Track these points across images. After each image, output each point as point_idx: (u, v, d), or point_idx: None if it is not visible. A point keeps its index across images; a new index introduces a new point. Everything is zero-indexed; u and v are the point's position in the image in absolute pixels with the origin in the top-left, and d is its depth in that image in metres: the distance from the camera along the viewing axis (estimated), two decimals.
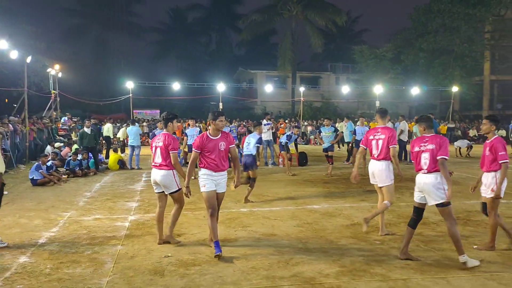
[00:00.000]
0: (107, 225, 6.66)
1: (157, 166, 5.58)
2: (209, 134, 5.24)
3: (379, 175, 5.88)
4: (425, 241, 5.69)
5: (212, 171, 5.23)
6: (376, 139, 5.91)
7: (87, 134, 13.26)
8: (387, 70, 34.66)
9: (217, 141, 5.22)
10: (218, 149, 5.21)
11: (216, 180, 5.26)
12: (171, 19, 52.85)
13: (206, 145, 5.18)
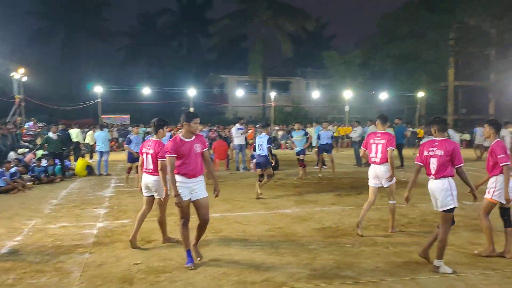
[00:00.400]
0: (74, 233, 6.48)
1: (149, 172, 5.61)
2: (182, 137, 4.86)
3: (383, 177, 6.23)
4: (393, 244, 5.79)
5: (186, 177, 4.83)
6: (376, 143, 6.25)
7: (52, 139, 12.87)
8: (356, 75, 35.29)
9: (192, 144, 4.85)
10: (193, 152, 4.83)
11: (191, 187, 4.86)
12: (140, 24, 52.34)
13: (180, 149, 4.78)
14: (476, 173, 13.50)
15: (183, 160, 4.82)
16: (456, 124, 33.61)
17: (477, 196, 5.05)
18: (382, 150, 6.14)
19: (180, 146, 4.80)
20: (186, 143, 4.85)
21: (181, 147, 4.80)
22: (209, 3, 51.19)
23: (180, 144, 4.81)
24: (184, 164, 4.82)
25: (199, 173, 4.93)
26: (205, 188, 4.98)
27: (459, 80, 38.27)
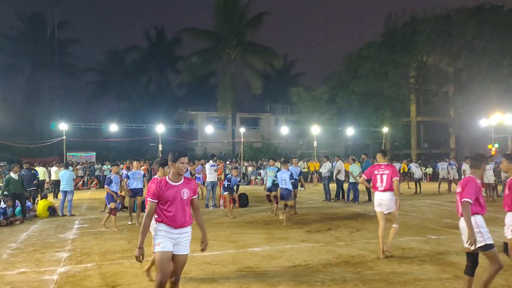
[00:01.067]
0: (33, 279, 6.14)
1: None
2: (168, 180, 4.23)
3: (387, 204, 7.02)
4: (363, 280, 5.79)
5: (171, 227, 4.15)
6: (380, 174, 7.12)
7: (14, 180, 12.36)
8: (324, 111, 36.15)
9: (179, 188, 4.19)
10: (180, 198, 4.17)
11: (175, 238, 4.18)
12: (108, 60, 52.22)
13: (165, 193, 4.14)
14: (441, 207, 13.86)
15: (168, 207, 4.15)
16: (419, 158, 34.62)
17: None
18: (387, 180, 7.00)
19: (164, 190, 4.16)
20: (172, 188, 4.19)
21: (166, 192, 4.15)
22: (178, 41, 51.81)
23: (164, 189, 4.17)
24: (168, 212, 4.16)
25: (187, 223, 4.23)
26: (189, 244, 4.35)
27: (420, 116, 39.77)
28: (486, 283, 4.60)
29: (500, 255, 6.10)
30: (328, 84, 38.93)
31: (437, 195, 18.02)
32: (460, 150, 34.87)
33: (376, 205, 7.17)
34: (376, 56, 33.75)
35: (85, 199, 18.26)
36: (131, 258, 7.28)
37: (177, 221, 4.19)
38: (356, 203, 15.02)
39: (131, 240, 8.87)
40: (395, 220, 7.09)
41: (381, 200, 7.08)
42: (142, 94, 53.78)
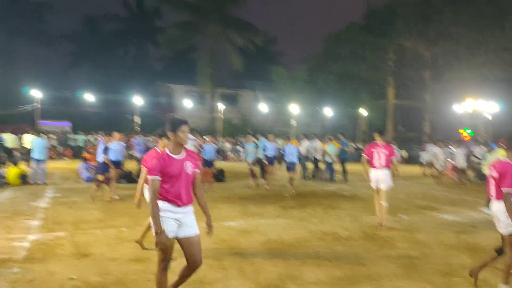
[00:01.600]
0: (2, 246, 6.02)
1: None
2: (169, 152, 3.72)
3: (384, 180, 7.56)
4: (336, 256, 5.91)
5: (174, 204, 3.68)
6: (377, 152, 7.66)
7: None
8: (302, 90, 36.19)
9: (182, 162, 3.72)
10: (184, 172, 3.71)
11: (179, 218, 3.70)
12: (85, 29, 50.52)
13: (168, 168, 3.65)
14: (413, 188, 14.21)
15: (172, 183, 3.68)
16: (395, 141, 35.25)
17: None
18: (386, 158, 7.59)
19: (168, 164, 3.67)
20: (175, 161, 3.70)
21: (169, 166, 3.67)
22: (158, 12, 50.46)
23: (168, 162, 3.68)
24: (172, 188, 3.69)
25: (190, 200, 3.78)
26: (195, 221, 3.85)
27: (397, 99, 40.29)
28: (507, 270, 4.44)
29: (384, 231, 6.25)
30: (307, 65, 38.87)
31: (410, 177, 18.48)
32: (435, 134, 35.63)
33: (374, 181, 7.69)
34: (356, 39, 33.80)
35: (58, 169, 17.92)
36: (104, 228, 7.24)
37: (183, 198, 3.72)
38: (331, 182, 15.24)
39: (105, 211, 8.79)
40: (384, 197, 7.58)
41: (378, 176, 7.61)
42: (119, 66, 52.45)
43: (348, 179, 15.48)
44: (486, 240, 6.81)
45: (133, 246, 6.06)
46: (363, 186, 14.31)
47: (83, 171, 14.01)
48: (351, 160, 17.93)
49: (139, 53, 53.17)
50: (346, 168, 15.89)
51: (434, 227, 7.94)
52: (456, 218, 8.94)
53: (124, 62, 53.33)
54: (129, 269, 5.13)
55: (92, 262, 5.38)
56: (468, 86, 30.37)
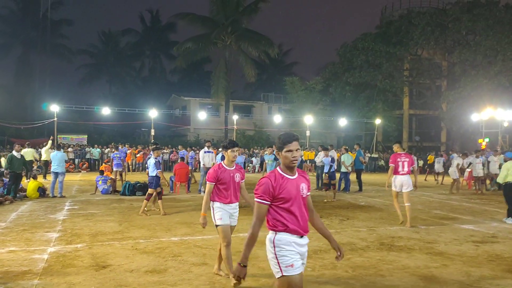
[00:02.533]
0: (22, 258, 6.12)
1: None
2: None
3: (407, 184, 8.79)
4: (353, 267, 5.85)
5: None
6: (402, 161, 8.95)
7: (16, 158, 12.37)
8: (317, 101, 36.17)
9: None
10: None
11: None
12: (102, 43, 51.59)
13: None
14: (430, 198, 14.01)
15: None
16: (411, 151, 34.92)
17: None
18: (408, 166, 8.90)
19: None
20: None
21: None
22: (173, 26, 51.28)
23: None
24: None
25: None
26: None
27: (413, 109, 40.00)
28: None
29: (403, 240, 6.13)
30: (322, 75, 38.93)
31: (427, 187, 18.25)
32: (451, 144, 35.19)
33: (398, 185, 8.88)
34: (371, 48, 33.79)
35: (75, 182, 18.17)
36: (122, 239, 7.29)
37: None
38: (347, 193, 15.12)
39: (122, 223, 8.87)
40: (407, 199, 8.74)
41: (402, 181, 8.81)
42: (135, 79, 53.33)
43: (363, 189, 15.35)
44: (508, 251, 6.66)
45: (151, 257, 6.10)
46: (378, 196, 14.17)
47: (100, 183, 14.17)
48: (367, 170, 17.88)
49: (154, 67, 53.98)
50: (361, 178, 15.79)
51: (454, 237, 7.81)
52: (476, 228, 8.77)
53: (139, 75, 54.24)
54: (147, 281, 5.16)
55: (110, 274, 5.42)
56: (485, 94, 30.00)
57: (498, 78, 29.50)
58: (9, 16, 43.81)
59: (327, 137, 36.42)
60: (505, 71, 29.24)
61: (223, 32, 35.24)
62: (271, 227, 3.16)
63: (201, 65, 51.53)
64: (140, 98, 42.99)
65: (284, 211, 3.10)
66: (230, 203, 5.04)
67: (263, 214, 3.12)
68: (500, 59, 29.23)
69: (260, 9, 36.12)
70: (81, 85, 51.01)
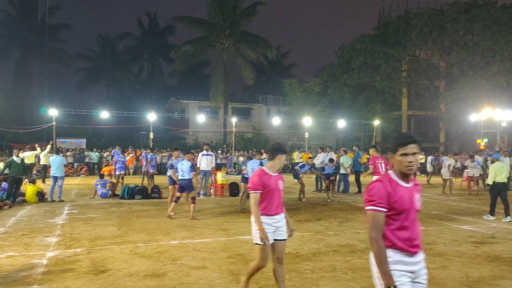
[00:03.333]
0: (21, 263, 6.11)
1: None
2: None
3: None
4: (352, 269, 5.85)
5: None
6: (379, 163, 10.40)
7: (16, 163, 12.35)
8: (315, 103, 36.19)
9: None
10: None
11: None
12: (100, 47, 51.59)
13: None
14: (429, 199, 14.02)
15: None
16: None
17: None
18: (384, 167, 10.28)
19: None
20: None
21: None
22: (171, 29, 51.31)
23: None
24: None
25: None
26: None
27: (411, 110, 40.05)
28: None
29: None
30: (320, 77, 38.96)
31: (425, 187, 18.28)
32: (450, 144, 35.22)
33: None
34: (369, 50, 33.83)
35: (74, 186, 18.15)
36: (121, 244, 7.29)
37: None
38: (346, 194, 15.13)
39: (121, 227, 8.86)
40: None
41: None
42: (133, 82, 53.32)
43: (362, 191, 15.36)
44: (507, 252, 6.67)
45: (150, 261, 6.10)
46: None
47: (99, 187, 14.15)
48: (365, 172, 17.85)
49: (152, 70, 54.01)
50: (360, 179, 15.79)
51: (453, 238, 7.81)
52: (475, 229, 8.78)
53: (138, 79, 54.23)
54: (146, 285, 5.15)
55: (109, 279, 5.41)
56: (483, 94, 30.04)
57: (496, 79, 29.54)
58: (7, 20, 43.81)
59: (326, 138, 36.40)
60: (503, 71, 29.28)
61: (221, 34, 35.28)
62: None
63: (199, 68, 51.55)
64: (139, 101, 42.97)
65: (394, 224, 2.69)
66: (276, 215, 4.35)
67: (382, 223, 2.66)
68: (498, 59, 29.28)
69: (258, 11, 36.20)
70: (79, 89, 51.02)
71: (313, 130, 32.93)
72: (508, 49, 28.55)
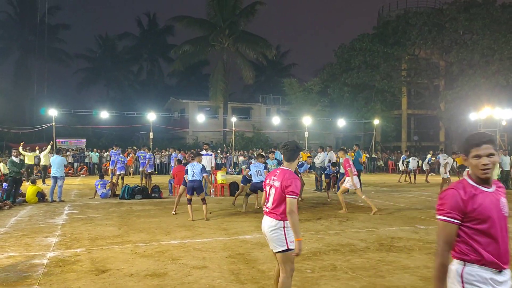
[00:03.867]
0: (22, 263, 6.11)
1: (267, 213, 4.06)
2: (471, 181, 2.45)
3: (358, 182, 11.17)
4: (352, 268, 5.85)
5: (493, 269, 2.35)
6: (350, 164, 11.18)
7: (16, 163, 12.39)
8: (315, 102, 36.19)
9: (498, 198, 2.44)
10: (501, 215, 2.42)
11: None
12: (99, 47, 51.61)
13: (476, 207, 2.36)
14: (430, 198, 14.02)
15: (487, 233, 2.36)
16: (409, 151, 34.99)
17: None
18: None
19: (476, 201, 2.38)
20: (487, 196, 2.41)
21: (479, 204, 2.37)
22: (171, 29, 51.29)
23: (472, 198, 2.39)
24: (488, 241, 2.36)
25: (509, 259, 2.42)
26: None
27: (411, 109, 40.05)
28: None
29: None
30: (320, 76, 38.96)
31: (426, 186, 18.30)
32: (450, 143, 35.23)
33: (357, 183, 10.97)
34: (368, 49, 33.83)
35: (74, 186, 18.15)
36: (121, 244, 7.29)
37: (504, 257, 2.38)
38: (346, 194, 15.10)
39: (121, 227, 8.86)
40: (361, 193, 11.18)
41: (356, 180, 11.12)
42: (133, 83, 53.32)
43: (362, 190, 15.35)
44: None
45: (150, 261, 6.10)
46: (378, 196, 14.17)
47: (99, 187, 14.14)
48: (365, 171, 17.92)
49: (152, 70, 54.00)
50: (360, 179, 15.77)
51: None
52: None
53: (137, 79, 54.24)
54: (146, 285, 5.15)
55: (110, 278, 5.41)
56: (482, 93, 30.05)
57: (495, 77, 29.55)
58: (6, 21, 43.79)
59: (326, 138, 36.41)
60: (503, 70, 29.28)
61: (221, 34, 35.28)
62: (458, 255, 2.40)
63: (199, 68, 51.54)
64: (138, 101, 42.95)
65: (479, 235, 2.34)
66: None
67: (452, 235, 2.37)
68: (497, 58, 29.29)
69: (257, 11, 36.22)
70: (79, 89, 51.03)
71: (313, 130, 32.92)
72: (507, 48, 28.56)
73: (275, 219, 3.89)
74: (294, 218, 3.72)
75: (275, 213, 3.90)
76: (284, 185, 3.82)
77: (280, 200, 3.87)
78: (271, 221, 3.93)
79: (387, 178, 23.79)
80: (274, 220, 3.90)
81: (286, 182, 3.82)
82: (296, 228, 3.75)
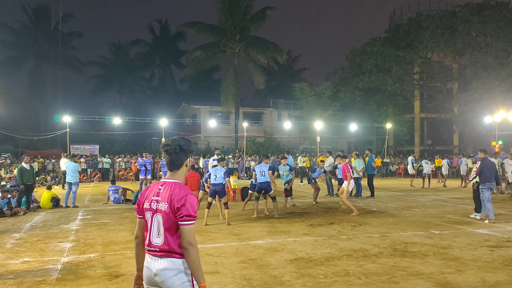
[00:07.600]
0: (37, 268, 6.18)
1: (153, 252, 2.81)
2: None
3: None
4: (366, 274, 5.79)
5: None
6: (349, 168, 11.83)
7: (26, 170, 12.47)
8: (327, 107, 36.08)
9: None
10: None
11: None
12: (112, 54, 52.23)
13: None
14: (444, 203, 13.83)
15: None
16: (423, 155, 34.61)
17: None
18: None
19: None
20: None
21: None
22: (182, 35, 51.72)
23: None
24: None
25: None
26: None
27: (424, 112, 39.67)
28: None
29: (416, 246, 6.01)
30: (331, 80, 38.84)
31: (440, 191, 18.07)
32: (464, 147, 34.78)
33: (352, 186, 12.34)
34: (380, 52, 33.67)
35: (88, 191, 18.33)
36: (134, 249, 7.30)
37: None
38: (359, 198, 15.02)
39: (134, 231, 8.88)
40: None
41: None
42: (145, 89, 53.82)
43: (375, 195, 15.23)
44: None
45: None
46: (391, 201, 14.04)
47: (111, 193, 14.26)
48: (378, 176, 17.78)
49: (164, 76, 54.44)
50: (373, 183, 15.69)
51: (468, 242, 7.70)
52: (491, 232, 8.64)
53: (149, 85, 54.75)
54: None
55: (123, 284, 5.44)
56: (497, 96, 29.66)
57: (510, 80, 29.16)
58: (21, 30, 44.59)
59: (337, 142, 36.26)
60: None
61: (232, 40, 35.43)
62: None
63: (210, 73, 51.80)
64: (151, 107, 43.32)
65: None
66: None
67: None
68: None
69: (267, 16, 36.27)
70: (92, 96, 51.71)
71: (325, 134, 32.81)
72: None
73: (174, 258, 2.66)
74: (195, 255, 2.61)
75: (172, 252, 2.67)
76: (175, 208, 2.66)
77: (172, 229, 2.69)
78: (167, 262, 2.66)
79: (399, 183, 23.56)
80: (173, 260, 2.66)
81: (177, 202, 2.66)
82: (199, 268, 2.62)
